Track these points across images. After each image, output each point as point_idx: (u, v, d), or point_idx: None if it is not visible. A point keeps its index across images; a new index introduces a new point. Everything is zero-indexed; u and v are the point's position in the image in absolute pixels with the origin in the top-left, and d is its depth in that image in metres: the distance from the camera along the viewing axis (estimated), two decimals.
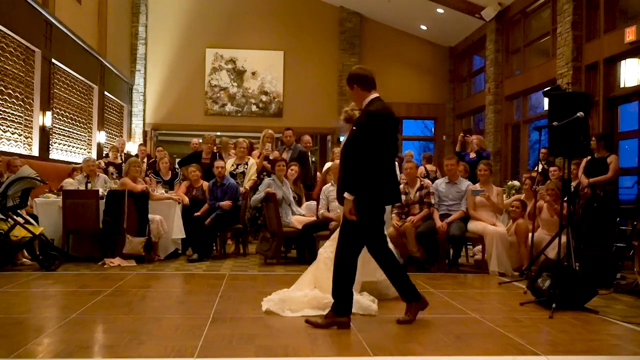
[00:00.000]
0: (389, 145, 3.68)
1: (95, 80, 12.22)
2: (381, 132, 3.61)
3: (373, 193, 3.60)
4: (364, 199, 3.58)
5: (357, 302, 3.91)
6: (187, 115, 15.07)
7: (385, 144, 3.64)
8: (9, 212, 5.72)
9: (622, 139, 8.82)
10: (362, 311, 3.98)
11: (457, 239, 6.17)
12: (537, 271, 4.65)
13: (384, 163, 3.65)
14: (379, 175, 3.61)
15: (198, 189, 7.30)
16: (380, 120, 3.63)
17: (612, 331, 3.73)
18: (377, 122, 3.61)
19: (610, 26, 8.94)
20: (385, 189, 3.66)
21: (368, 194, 3.58)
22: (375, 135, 3.59)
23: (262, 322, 3.78)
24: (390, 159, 3.74)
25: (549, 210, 6.03)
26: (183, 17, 15.08)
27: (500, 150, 12.58)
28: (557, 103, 4.99)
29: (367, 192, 3.58)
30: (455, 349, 3.24)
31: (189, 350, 3.08)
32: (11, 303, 4.33)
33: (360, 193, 3.56)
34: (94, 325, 3.74)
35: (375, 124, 3.60)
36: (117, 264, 6.17)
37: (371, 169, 3.57)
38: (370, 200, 3.62)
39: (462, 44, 15.01)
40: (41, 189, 7.01)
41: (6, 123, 8.41)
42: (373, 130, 3.59)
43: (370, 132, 3.58)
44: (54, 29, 9.81)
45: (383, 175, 3.63)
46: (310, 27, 15.28)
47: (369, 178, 3.56)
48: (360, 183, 3.55)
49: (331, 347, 3.26)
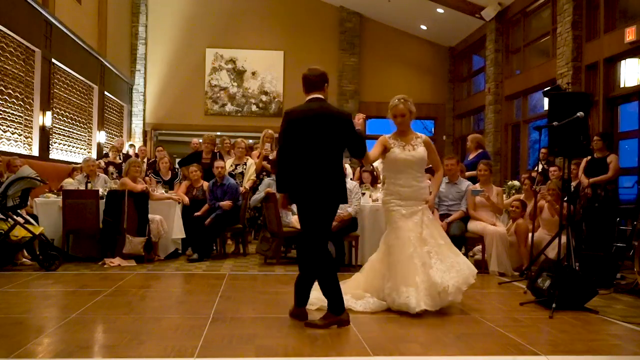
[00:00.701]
0: (297, 145, 3.71)
1: (95, 80, 12.23)
2: (287, 132, 3.73)
3: (283, 189, 3.88)
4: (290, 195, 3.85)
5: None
6: (187, 115, 15.07)
7: (292, 143, 3.72)
8: (9, 212, 5.72)
9: (622, 139, 8.82)
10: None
11: (457, 238, 6.16)
12: (537, 271, 4.65)
13: (293, 161, 3.72)
14: (289, 172, 3.73)
15: (198, 189, 7.30)
16: (285, 120, 3.77)
17: (612, 331, 3.73)
18: (283, 122, 3.78)
19: (610, 26, 8.94)
20: (292, 188, 3.76)
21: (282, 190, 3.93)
22: (281, 135, 3.76)
23: (262, 322, 3.78)
24: (302, 158, 3.71)
25: (550, 210, 6.03)
26: (183, 17, 15.08)
27: (500, 150, 12.58)
28: (557, 103, 4.99)
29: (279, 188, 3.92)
30: (455, 349, 3.24)
31: (189, 350, 3.08)
32: (11, 303, 4.33)
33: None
34: (94, 325, 3.74)
35: (283, 124, 3.77)
36: (117, 264, 6.17)
37: (281, 166, 3.77)
38: (291, 196, 3.84)
39: (462, 44, 15.01)
40: (41, 189, 7.01)
41: (6, 123, 8.41)
42: (282, 129, 3.77)
43: (281, 132, 3.78)
44: (54, 29, 9.81)
45: (291, 173, 3.73)
46: (310, 27, 15.28)
47: (280, 174, 3.80)
48: (277, 179, 3.87)
49: (331, 347, 3.26)
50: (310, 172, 3.70)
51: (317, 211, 3.72)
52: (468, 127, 15.23)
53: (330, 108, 3.82)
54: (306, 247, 3.77)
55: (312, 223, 3.74)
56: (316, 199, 3.70)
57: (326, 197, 3.72)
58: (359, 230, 6.34)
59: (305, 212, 3.76)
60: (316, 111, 3.74)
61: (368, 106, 14.26)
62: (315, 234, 3.73)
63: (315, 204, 3.71)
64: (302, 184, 3.70)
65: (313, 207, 3.72)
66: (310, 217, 3.73)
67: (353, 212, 6.22)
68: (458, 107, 15.55)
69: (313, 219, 3.72)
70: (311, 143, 3.69)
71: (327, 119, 3.73)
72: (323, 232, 3.76)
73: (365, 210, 6.50)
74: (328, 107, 3.81)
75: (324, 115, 3.74)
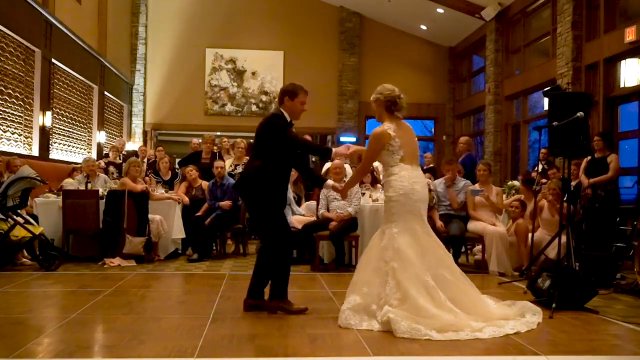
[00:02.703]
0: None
1: (95, 80, 12.23)
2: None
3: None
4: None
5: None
6: (187, 115, 15.07)
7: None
8: (9, 212, 5.72)
9: (622, 139, 8.82)
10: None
11: (456, 238, 6.17)
12: (537, 271, 4.65)
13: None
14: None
15: (197, 188, 7.30)
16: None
17: (612, 331, 3.73)
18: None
19: (610, 26, 8.93)
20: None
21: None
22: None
23: (262, 322, 3.78)
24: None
25: (550, 210, 6.03)
26: (183, 17, 15.08)
27: (500, 150, 12.58)
28: (557, 103, 4.99)
29: None
30: (456, 349, 3.24)
31: (189, 350, 3.08)
32: (11, 303, 4.33)
33: None
34: (94, 325, 3.74)
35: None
36: (117, 264, 6.17)
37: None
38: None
39: (462, 44, 15.01)
40: (41, 189, 7.01)
41: (6, 123, 8.41)
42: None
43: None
44: (54, 29, 9.81)
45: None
46: (310, 27, 15.28)
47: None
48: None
49: (331, 347, 3.26)
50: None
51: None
52: (468, 127, 15.23)
53: (265, 116, 4.29)
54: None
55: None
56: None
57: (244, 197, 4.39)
58: (359, 230, 6.34)
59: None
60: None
61: (368, 106, 14.17)
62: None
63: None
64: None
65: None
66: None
67: (353, 212, 6.22)
68: (458, 107, 15.55)
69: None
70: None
71: (259, 126, 4.13)
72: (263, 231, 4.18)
73: (365, 210, 6.50)
74: (266, 116, 4.29)
75: (260, 124, 4.16)
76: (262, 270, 4.08)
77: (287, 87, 4.19)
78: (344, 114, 15.33)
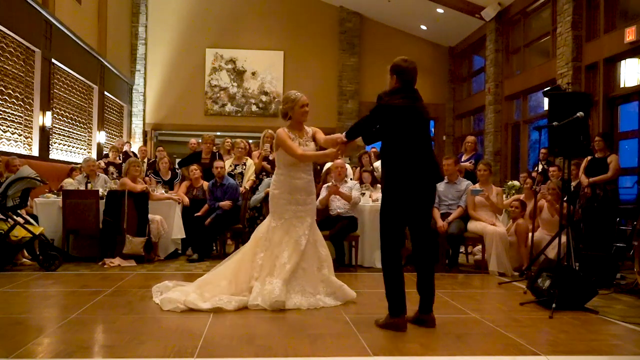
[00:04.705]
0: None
1: (95, 80, 12.23)
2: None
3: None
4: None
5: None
6: (187, 115, 15.07)
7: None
8: (9, 212, 5.73)
9: (622, 139, 8.82)
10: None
11: (455, 237, 6.16)
12: (537, 271, 4.65)
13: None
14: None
15: (198, 188, 7.30)
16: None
17: (612, 331, 3.73)
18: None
19: (610, 26, 8.94)
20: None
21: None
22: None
23: (262, 322, 3.78)
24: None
25: (550, 210, 6.03)
26: (183, 17, 15.08)
27: (500, 150, 12.58)
28: (557, 103, 4.99)
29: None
30: (455, 349, 3.24)
31: (189, 350, 3.08)
32: (11, 303, 4.33)
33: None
34: (94, 325, 3.74)
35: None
36: (117, 264, 6.17)
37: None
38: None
39: (462, 44, 15.02)
40: (41, 189, 7.01)
41: (6, 123, 8.41)
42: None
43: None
44: (54, 29, 9.81)
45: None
46: (310, 27, 15.28)
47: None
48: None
49: (331, 347, 3.26)
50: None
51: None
52: (468, 127, 15.23)
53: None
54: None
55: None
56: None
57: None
58: (359, 230, 6.34)
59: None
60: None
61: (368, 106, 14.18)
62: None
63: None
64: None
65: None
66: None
67: (356, 196, 6.31)
68: (458, 107, 15.55)
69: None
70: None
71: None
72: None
73: (365, 210, 6.50)
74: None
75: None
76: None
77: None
78: (344, 114, 15.34)
